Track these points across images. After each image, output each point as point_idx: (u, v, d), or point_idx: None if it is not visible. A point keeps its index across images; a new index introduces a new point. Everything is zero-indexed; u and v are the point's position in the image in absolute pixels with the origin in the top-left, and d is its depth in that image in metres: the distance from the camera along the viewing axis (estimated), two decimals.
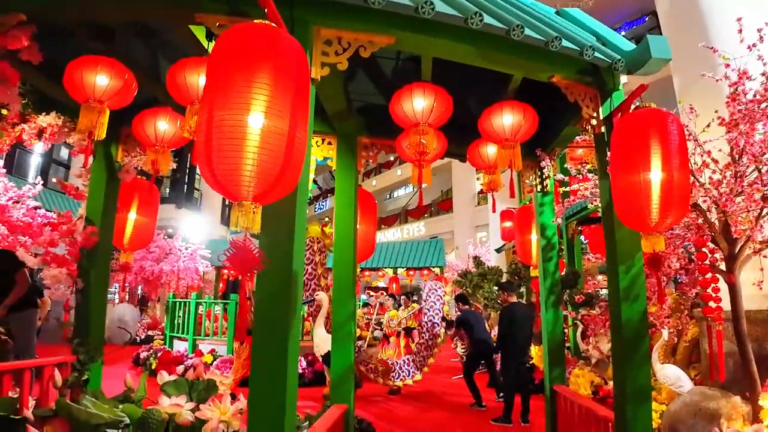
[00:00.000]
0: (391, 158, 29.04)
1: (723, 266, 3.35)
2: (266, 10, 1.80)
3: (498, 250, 17.39)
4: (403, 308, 12.34)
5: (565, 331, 7.70)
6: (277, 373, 1.85)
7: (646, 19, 17.61)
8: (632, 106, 2.65)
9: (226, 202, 27.93)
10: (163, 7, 2.29)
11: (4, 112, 2.78)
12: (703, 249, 3.35)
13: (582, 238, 9.13)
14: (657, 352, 4.61)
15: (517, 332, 6.30)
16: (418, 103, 2.88)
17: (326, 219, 34.68)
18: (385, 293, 20.09)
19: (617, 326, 2.75)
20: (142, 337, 13.41)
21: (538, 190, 4.34)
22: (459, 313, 8.13)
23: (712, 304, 3.26)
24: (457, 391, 8.10)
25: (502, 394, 7.12)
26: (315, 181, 30.90)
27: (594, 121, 2.96)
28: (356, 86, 3.71)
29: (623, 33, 17.26)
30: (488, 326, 8.29)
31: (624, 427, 2.63)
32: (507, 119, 3.12)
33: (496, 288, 11.31)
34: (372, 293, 16.70)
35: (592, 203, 5.13)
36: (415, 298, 14.04)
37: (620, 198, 2.52)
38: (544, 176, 4.31)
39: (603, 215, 3.03)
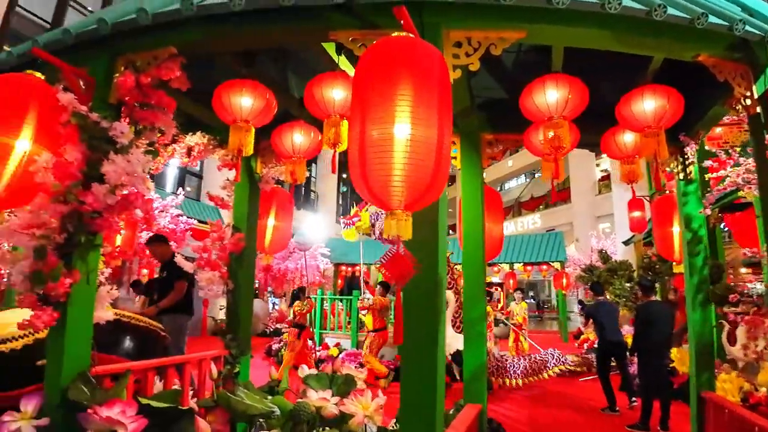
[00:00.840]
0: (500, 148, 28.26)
1: None
2: (402, 21, 1.83)
3: (626, 243, 16.13)
4: (516, 303, 12.03)
5: None
6: (426, 374, 1.90)
7: None
8: None
9: (340, 202, 29.10)
10: (301, 31, 2.42)
11: (158, 135, 3.09)
12: None
13: (722, 226, 8.21)
14: None
15: (654, 332, 5.85)
16: (551, 96, 2.77)
17: None
18: (500, 288, 19.66)
19: None
20: (271, 329, 14.45)
21: (681, 177, 3.98)
22: (591, 302, 7.73)
23: None
24: (586, 394, 7.71)
25: (635, 399, 6.65)
26: None
27: (747, 101, 2.65)
28: (477, 82, 3.66)
29: None
30: None
31: None
32: (649, 105, 2.89)
33: (627, 284, 10.54)
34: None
35: (744, 190, 4.60)
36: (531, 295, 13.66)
37: None
38: (687, 162, 3.94)
39: (762, 205, 2.70)
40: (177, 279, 5.03)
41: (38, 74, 2.74)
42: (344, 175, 28.60)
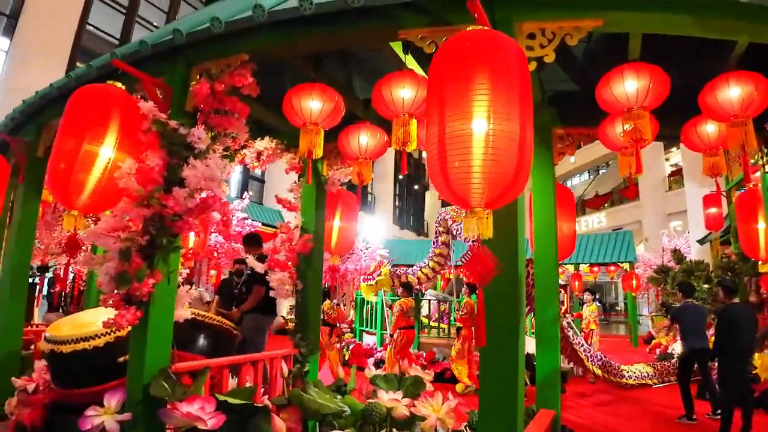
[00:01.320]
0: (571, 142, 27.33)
1: None
2: (475, 15, 1.79)
3: (701, 241, 15.12)
4: (587, 305, 11.62)
5: None
6: (507, 373, 1.86)
7: None
8: None
9: (396, 204, 29.14)
10: (370, 31, 2.41)
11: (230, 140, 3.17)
12: None
13: None
14: None
15: (737, 336, 5.44)
16: (631, 85, 2.62)
17: None
18: (563, 290, 19.03)
19: None
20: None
21: (767, 170, 3.71)
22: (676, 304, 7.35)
23: None
24: (660, 401, 7.33)
25: (719, 411, 6.23)
26: None
27: None
28: (547, 74, 3.54)
29: None
30: None
31: None
32: (735, 92, 2.69)
33: (705, 286, 9.90)
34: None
35: None
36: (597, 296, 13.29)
37: None
38: None
39: None
40: (255, 283, 5.16)
41: (118, 84, 2.85)
42: (399, 176, 28.66)
